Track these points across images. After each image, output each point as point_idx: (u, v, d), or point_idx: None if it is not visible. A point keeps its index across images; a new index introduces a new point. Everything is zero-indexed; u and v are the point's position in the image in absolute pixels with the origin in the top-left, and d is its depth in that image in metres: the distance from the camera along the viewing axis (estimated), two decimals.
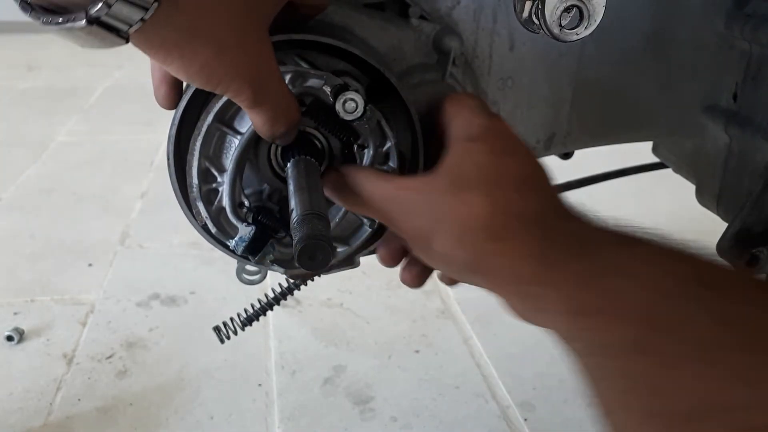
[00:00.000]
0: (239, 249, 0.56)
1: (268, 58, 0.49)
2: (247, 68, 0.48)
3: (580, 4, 0.56)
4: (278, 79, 0.51)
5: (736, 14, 0.72)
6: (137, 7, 0.40)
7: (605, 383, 0.40)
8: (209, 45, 0.45)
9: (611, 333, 0.39)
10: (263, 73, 0.49)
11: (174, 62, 0.45)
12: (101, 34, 0.41)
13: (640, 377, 0.37)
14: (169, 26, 0.43)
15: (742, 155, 0.75)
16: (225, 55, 0.46)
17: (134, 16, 0.40)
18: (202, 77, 0.47)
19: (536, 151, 0.74)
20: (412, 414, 1.07)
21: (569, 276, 0.42)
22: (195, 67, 0.46)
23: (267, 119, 0.51)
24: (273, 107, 0.51)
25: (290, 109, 0.52)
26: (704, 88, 0.76)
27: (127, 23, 0.41)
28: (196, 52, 0.45)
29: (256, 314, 0.66)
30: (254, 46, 0.48)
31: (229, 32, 0.46)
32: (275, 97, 0.50)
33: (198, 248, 1.55)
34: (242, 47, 0.47)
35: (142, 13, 0.40)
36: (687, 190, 0.85)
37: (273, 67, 0.50)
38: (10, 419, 1.05)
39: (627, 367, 0.38)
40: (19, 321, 1.30)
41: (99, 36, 0.41)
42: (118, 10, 0.40)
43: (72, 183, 1.97)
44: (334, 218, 0.58)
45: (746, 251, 0.71)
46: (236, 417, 1.06)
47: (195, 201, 0.56)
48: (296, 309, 1.34)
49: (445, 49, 0.62)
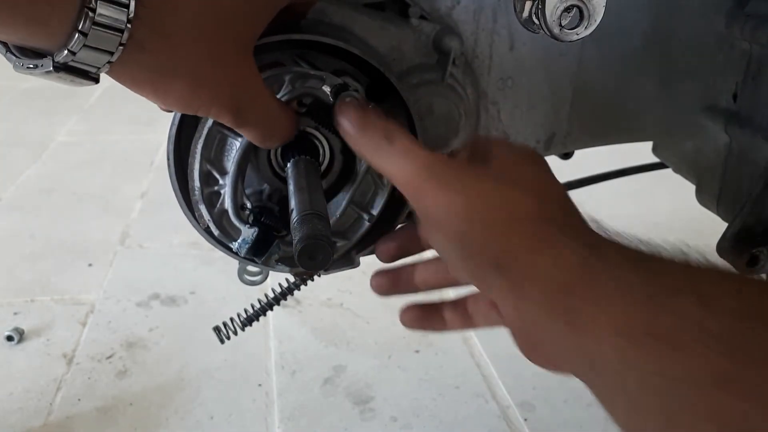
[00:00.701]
0: (242, 251, 0.56)
1: (250, 82, 0.48)
2: (227, 96, 0.47)
3: (580, 4, 0.56)
4: (264, 99, 0.49)
5: (737, 14, 0.72)
6: (103, 52, 0.40)
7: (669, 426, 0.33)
8: (182, 79, 0.44)
9: (693, 363, 0.32)
10: (244, 98, 0.48)
11: (148, 95, 0.45)
12: (69, 77, 0.41)
13: (734, 417, 0.30)
14: (138, 66, 0.43)
15: (742, 155, 0.75)
16: (200, 88, 0.45)
17: (101, 59, 0.40)
18: (179, 107, 0.47)
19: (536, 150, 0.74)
20: (412, 414, 1.07)
21: (623, 291, 0.36)
22: (170, 99, 0.46)
23: (256, 136, 0.51)
24: (260, 126, 0.50)
25: (281, 125, 0.51)
26: (704, 87, 0.76)
27: (94, 66, 0.41)
28: (169, 87, 0.44)
29: (256, 314, 0.66)
30: (233, 74, 0.47)
31: (203, 65, 0.45)
32: (262, 117, 0.50)
33: (198, 248, 1.55)
34: (219, 77, 0.46)
35: (108, 57, 0.40)
36: (687, 190, 0.85)
37: (256, 89, 0.49)
38: (10, 419, 1.05)
39: (716, 405, 0.31)
40: (19, 321, 1.30)
41: (68, 79, 0.41)
42: (83, 56, 0.40)
43: (72, 183, 1.97)
44: (333, 214, 0.58)
45: (746, 251, 0.72)
46: (236, 417, 1.06)
47: (197, 204, 0.56)
48: (296, 309, 1.34)
49: (445, 49, 0.62)
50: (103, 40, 0.39)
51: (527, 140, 0.73)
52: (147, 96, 0.45)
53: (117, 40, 0.40)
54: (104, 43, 0.39)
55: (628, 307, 0.35)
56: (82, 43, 0.39)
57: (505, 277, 0.41)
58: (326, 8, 0.60)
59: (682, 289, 0.34)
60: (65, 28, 0.39)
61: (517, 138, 0.73)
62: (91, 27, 0.39)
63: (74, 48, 0.39)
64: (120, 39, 0.40)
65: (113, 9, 0.39)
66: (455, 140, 0.66)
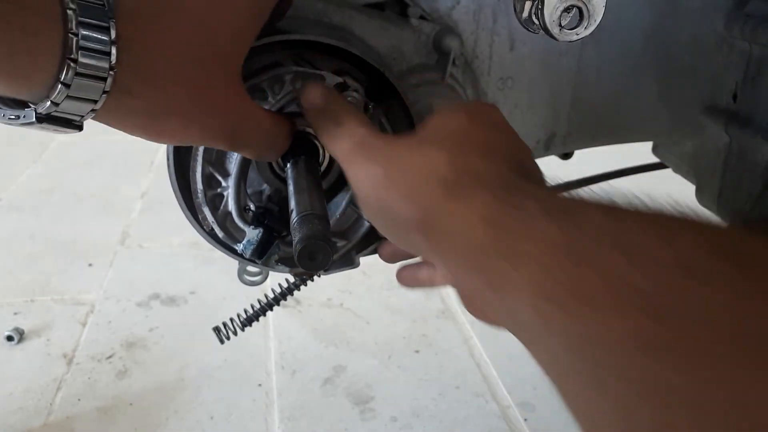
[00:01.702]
0: (248, 252, 0.56)
1: (241, 107, 0.48)
2: (219, 125, 0.47)
3: (580, 4, 0.56)
4: (256, 120, 0.49)
5: (736, 14, 0.72)
6: (86, 101, 0.39)
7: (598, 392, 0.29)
8: (173, 118, 0.44)
9: (611, 325, 0.28)
10: (237, 123, 0.48)
11: (140, 135, 0.45)
12: (52, 127, 0.40)
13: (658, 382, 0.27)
14: (127, 110, 0.42)
15: (742, 155, 0.74)
16: (192, 123, 0.45)
17: (84, 108, 0.40)
18: (173, 142, 0.48)
19: (536, 151, 0.74)
20: (412, 414, 1.07)
21: (540, 245, 0.32)
22: (164, 137, 0.46)
23: (252, 154, 0.52)
24: (255, 147, 0.50)
25: (275, 140, 0.52)
26: (704, 88, 0.76)
27: (77, 115, 0.40)
28: (161, 128, 0.44)
29: (256, 314, 0.67)
30: (223, 103, 0.46)
31: (192, 101, 0.44)
32: (256, 137, 0.50)
33: (198, 248, 1.55)
34: (209, 110, 0.45)
35: (92, 105, 0.40)
36: (686, 190, 0.85)
37: (247, 112, 0.49)
38: (10, 419, 1.05)
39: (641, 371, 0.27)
40: (19, 321, 1.30)
41: (51, 128, 0.40)
42: (66, 107, 0.39)
43: (72, 183, 1.97)
44: (333, 214, 0.58)
45: None
46: (236, 417, 1.06)
47: (201, 207, 0.56)
48: (296, 309, 1.34)
49: (444, 49, 0.62)
50: (86, 89, 0.39)
51: (527, 140, 0.73)
52: (139, 136, 0.45)
53: (100, 87, 0.39)
54: (87, 92, 0.39)
55: (545, 265, 0.32)
56: (65, 94, 0.38)
57: (429, 239, 0.41)
58: (326, 8, 0.60)
59: (606, 242, 0.31)
60: (47, 80, 0.38)
61: None
62: (73, 78, 0.38)
63: (57, 99, 0.38)
64: (103, 87, 0.39)
65: (95, 58, 0.38)
66: None
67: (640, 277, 0.28)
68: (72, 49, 0.37)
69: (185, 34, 0.43)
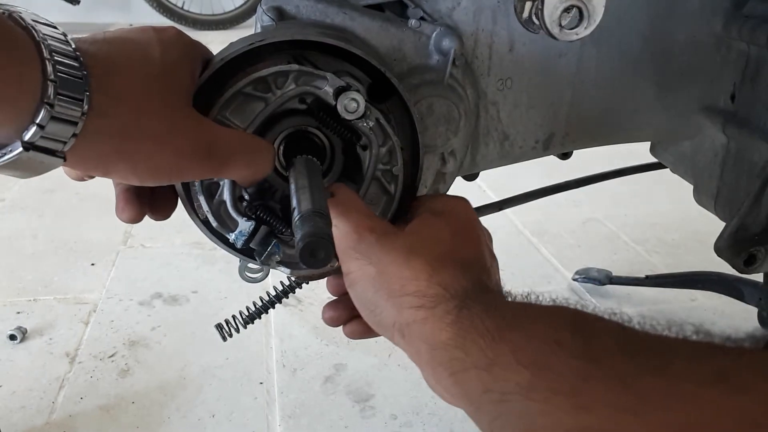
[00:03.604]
0: (239, 243, 0.56)
1: (210, 128, 0.51)
2: (192, 148, 0.49)
3: (580, 4, 0.56)
4: (228, 138, 0.52)
5: (734, 15, 0.72)
6: (67, 123, 0.42)
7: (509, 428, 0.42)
8: (146, 142, 0.47)
9: (509, 379, 0.41)
10: (212, 146, 0.50)
11: (118, 170, 0.47)
12: (39, 157, 0.42)
13: (534, 416, 0.39)
14: (103, 134, 0.45)
15: (739, 155, 0.75)
16: (165, 149, 0.48)
17: (66, 132, 0.42)
18: (149, 173, 0.49)
19: (535, 151, 0.75)
20: (412, 412, 1.07)
21: (485, 335, 0.44)
22: (140, 166, 0.48)
23: (236, 176, 0.54)
24: (234, 165, 0.52)
25: (255, 160, 0.54)
26: (702, 88, 0.77)
27: (61, 141, 0.42)
28: (137, 150, 0.47)
29: (257, 312, 0.67)
30: (193, 126, 0.50)
31: (161, 125, 0.47)
32: (233, 157, 0.52)
33: (200, 248, 1.55)
34: (179, 134, 0.48)
35: (73, 128, 0.42)
36: (685, 190, 0.86)
37: (219, 133, 0.52)
38: (12, 418, 1.05)
39: (524, 407, 0.40)
40: (22, 320, 1.30)
41: (37, 160, 0.42)
42: (51, 131, 0.41)
43: (74, 183, 1.96)
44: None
45: (744, 250, 0.72)
46: (238, 415, 1.06)
47: (196, 194, 0.56)
48: (297, 307, 1.35)
49: (445, 50, 0.63)
50: (66, 110, 0.42)
51: (526, 140, 0.74)
52: (116, 171, 0.48)
53: (79, 110, 0.42)
54: (68, 113, 0.42)
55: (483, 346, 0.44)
56: (49, 115, 0.41)
57: (405, 338, 0.51)
58: (327, 9, 0.61)
59: (515, 327, 0.44)
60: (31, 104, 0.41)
61: (516, 138, 0.73)
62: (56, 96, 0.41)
63: (42, 122, 0.41)
64: (82, 109, 0.42)
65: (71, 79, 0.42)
66: (455, 140, 0.66)
67: (527, 347, 0.42)
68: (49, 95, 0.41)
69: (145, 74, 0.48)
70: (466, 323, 0.46)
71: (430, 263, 0.51)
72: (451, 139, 0.66)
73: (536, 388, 0.39)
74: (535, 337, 0.42)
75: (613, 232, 1.68)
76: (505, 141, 0.73)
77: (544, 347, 0.41)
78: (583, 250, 1.60)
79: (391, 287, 0.51)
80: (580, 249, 1.61)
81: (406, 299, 0.50)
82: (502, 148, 0.73)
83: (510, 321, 0.45)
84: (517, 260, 1.53)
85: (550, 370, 0.39)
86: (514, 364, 0.41)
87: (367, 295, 0.53)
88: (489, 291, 0.51)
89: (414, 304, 0.49)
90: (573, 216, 1.75)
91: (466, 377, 0.45)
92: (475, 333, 0.45)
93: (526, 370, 0.40)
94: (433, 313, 0.48)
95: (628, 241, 1.63)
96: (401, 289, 0.50)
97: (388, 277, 0.51)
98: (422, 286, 0.50)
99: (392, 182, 0.60)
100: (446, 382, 0.47)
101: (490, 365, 0.43)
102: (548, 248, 1.60)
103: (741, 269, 0.73)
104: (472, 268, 0.53)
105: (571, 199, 1.53)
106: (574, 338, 0.41)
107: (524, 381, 0.40)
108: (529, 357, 0.41)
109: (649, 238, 1.63)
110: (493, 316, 0.45)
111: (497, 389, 0.42)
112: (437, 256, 0.52)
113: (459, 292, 0.49)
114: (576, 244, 1.63)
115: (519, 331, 0.43)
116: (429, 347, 0.48)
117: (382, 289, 0.51)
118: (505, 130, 0.72)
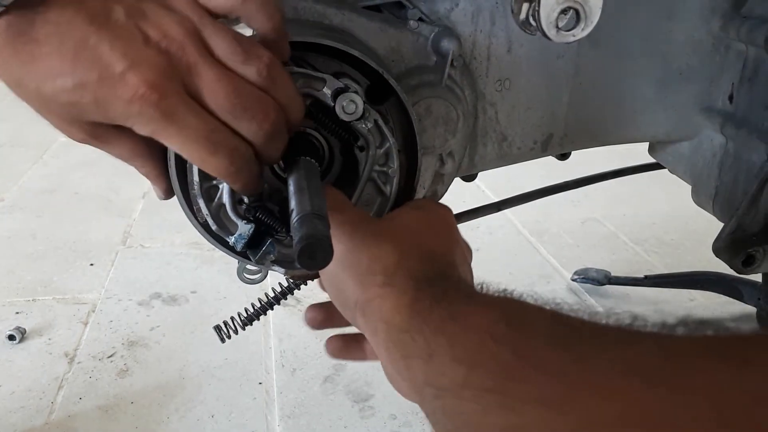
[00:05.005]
0: (238, 246, 0.56)
1: None
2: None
3: (577, 5, 0.56)
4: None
5: (733, 15, 0.72)
6: None
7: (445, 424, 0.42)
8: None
9: (445, 374, 0.41)
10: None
11: (55, 68, 0.44)
12: None
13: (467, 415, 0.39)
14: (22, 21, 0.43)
15: (737, 155, 0.75)
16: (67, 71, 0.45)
17: None
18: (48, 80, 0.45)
19: (534, 152, 0.75)
20: (411, 412, 1.07)
21: (430, 323, 0.45)
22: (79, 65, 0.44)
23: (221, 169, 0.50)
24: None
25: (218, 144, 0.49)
26: (700, 89, 0.77)
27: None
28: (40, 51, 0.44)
29: (256, 313, 0.67)
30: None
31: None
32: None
33: (199, 248, 1.56)
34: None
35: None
36: (683, 191, 0.86)
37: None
38: (12, 418, 1.05)
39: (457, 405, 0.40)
40: (21, 320, 1.30)
41: None
42: None
43: (73, 183, 1.97)
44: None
45: (742, 251, 0.72)
46: (237, 415, 1.06)
47: (196, 198, 0.56)
48: (296, 308, 1.35)
49: (443, 51, 0.63)
50: None
51: (525, 141, 0.74)
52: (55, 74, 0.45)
53: None
54: None
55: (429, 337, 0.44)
56: None
57: (365, 316, 0.51)
58: (326, 10, 0.61)
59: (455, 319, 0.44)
60: None
61: (514, 138, 0.73)
62: None
63: None
64: None
65: None
66: (453, 141, 0.67)
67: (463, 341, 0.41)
68: None
69: None
70: (418, 307, 0.46)
71: (400, 246, 0.52)
72: (450, 140, 0.66)
73: (468, 386, 0.39)
74: (471, 329, 0.42)
75: (612, 232, 1.68)
76: (503, 142, 0.73)
77: (478, 341, 0.41)
78: (582, 250, 1.61)
79: (360, 265, 0.52)
80: (579, 249, 1.61)
81: (371, 278, 0.51)
82: (500, 149, 0.73)
83: (453, 311, 0.45)
84: (516, 260, 1.54)
85: (482, 366, 0.39)
86: (449, 359, 0.41)
87: (337, 273, 0.53)
88: (449, 280, 0.51)
89: (377, 283, 0.50)
90: (572, 216, 1.75)
91: (413, 364, 0.45)
92: (421, 320, 0.45)
93: (460, 366, 0.40)
94: (392, 292, 0.49)
95: (627, 241, 1.63)
96: (368, 268, 0.51)
97: (358, 255, 0.52)
98: (390, 266, 0.50)
99: (388, 183, 0.61)
100: (399, 364, 0.47)
101: (429, 356, 0.43)
102: (547, 248, 1.61)
103: (739, 270, 0.73)
104: (440, 260, 0.53)
105: (570, 199, 1.53)
106: (508, 330, 0.41)
107: (458, 377, 0.40)
108: (463, 352, 0.41)
109: (647, 238, 1.63)
110: (441, 305, 0.46)
111: (434, 384, 0.42)
112: (408, 241, 0.53)
113: (420, 278, 0.49)
114: (575, 244, 1.63)
115: (459, 323, 0.43)
116: (386, 326, 0.48)
117: (351, 267, 0.52)
118: (503, 131, 0.72)
